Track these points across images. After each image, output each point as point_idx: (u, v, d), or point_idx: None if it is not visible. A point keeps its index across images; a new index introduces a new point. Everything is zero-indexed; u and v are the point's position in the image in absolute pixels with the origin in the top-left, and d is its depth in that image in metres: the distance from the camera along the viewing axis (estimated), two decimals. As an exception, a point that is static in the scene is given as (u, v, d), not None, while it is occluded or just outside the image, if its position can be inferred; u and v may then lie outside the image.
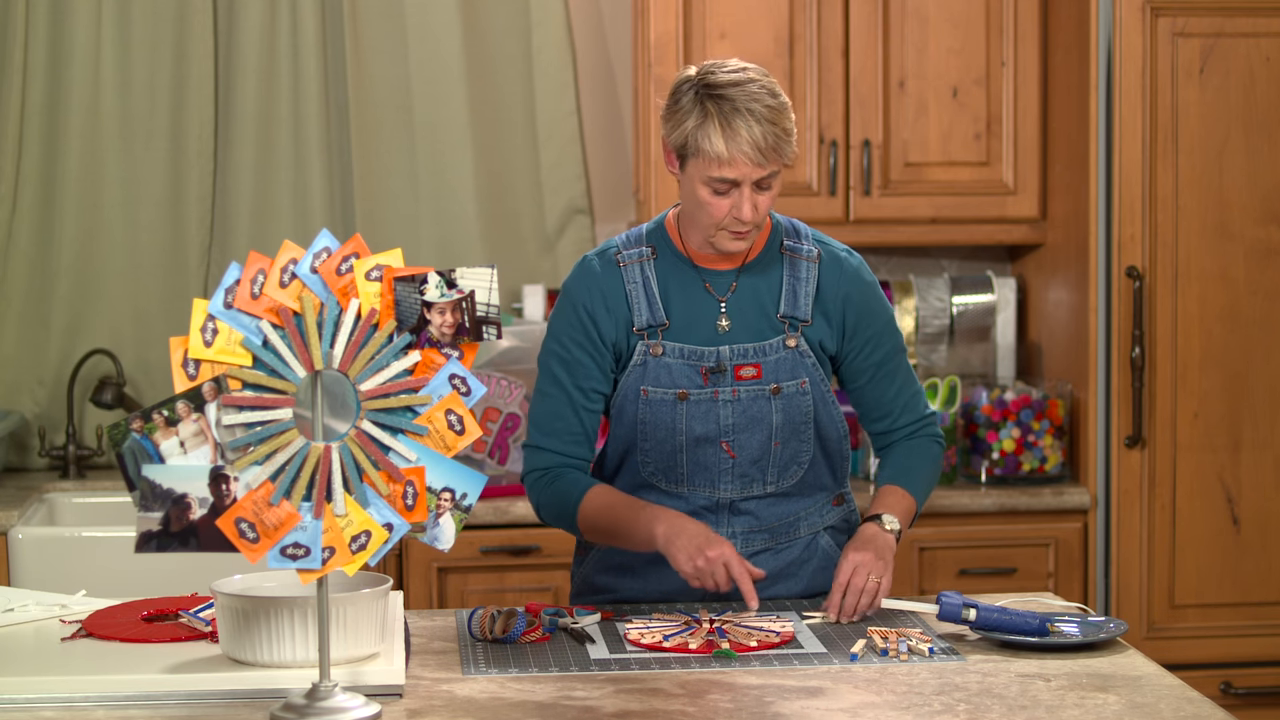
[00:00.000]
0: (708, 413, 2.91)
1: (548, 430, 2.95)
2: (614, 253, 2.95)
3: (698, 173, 2.80)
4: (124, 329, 4.56)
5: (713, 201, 2.81)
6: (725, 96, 2.76)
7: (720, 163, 2.76)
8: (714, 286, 2.93)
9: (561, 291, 2.97)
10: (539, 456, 2.95)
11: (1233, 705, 4.17)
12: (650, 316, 2.91)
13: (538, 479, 2.95)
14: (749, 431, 2.91)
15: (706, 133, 2.76)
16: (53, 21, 4.48)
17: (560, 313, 2.96)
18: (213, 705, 2.37)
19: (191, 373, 2.26)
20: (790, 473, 2.96)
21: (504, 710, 2.35)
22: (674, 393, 2.90)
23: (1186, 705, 2.37)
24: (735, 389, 2.90)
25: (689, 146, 2.79)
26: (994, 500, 4.26)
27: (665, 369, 2.91)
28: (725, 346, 2.91)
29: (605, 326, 2.92)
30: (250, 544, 2.24)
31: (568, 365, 2.93)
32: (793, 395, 2.92)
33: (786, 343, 2.92)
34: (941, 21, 4.41)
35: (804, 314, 2.93)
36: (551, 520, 2.97)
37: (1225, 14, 4.17)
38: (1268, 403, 4.23)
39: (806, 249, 2.96)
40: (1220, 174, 4.20)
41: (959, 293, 4.64)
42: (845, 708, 2.36)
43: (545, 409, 2.95)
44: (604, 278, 2.93)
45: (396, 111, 4.60)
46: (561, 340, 2.94)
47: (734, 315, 2.92)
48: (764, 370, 2.91)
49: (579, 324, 2.93)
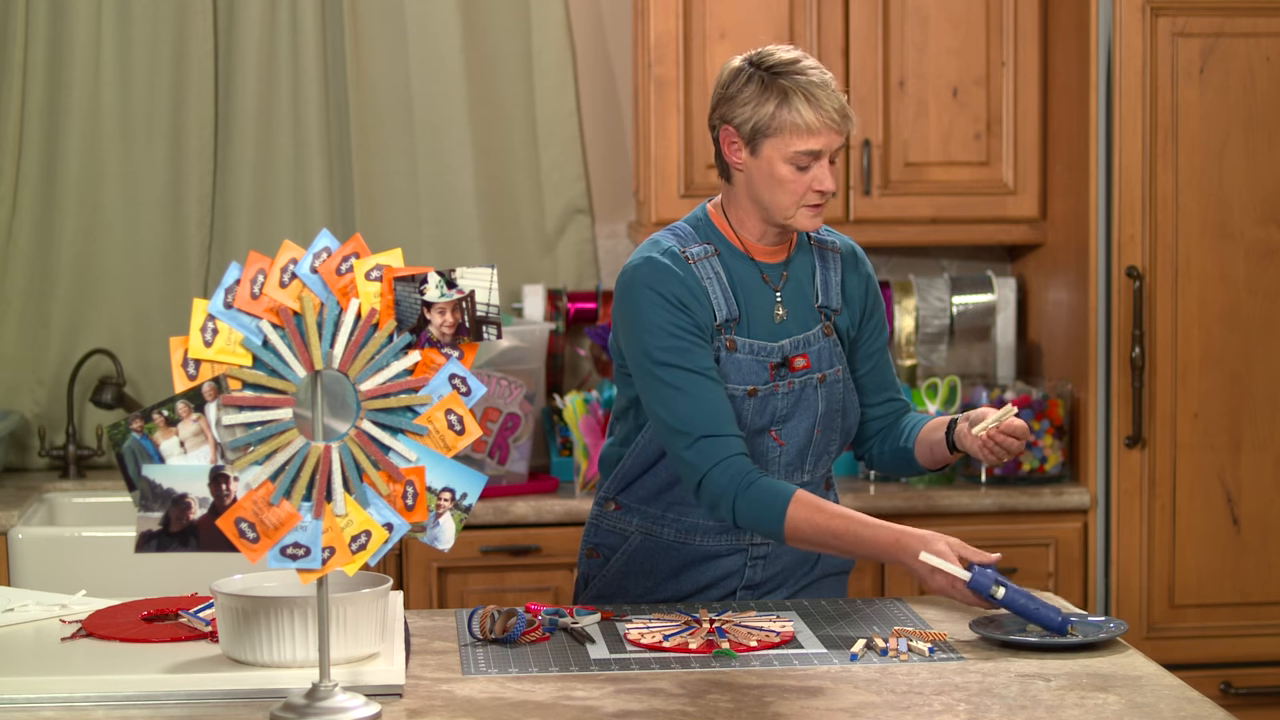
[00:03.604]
0: (766, 404, 2.94)
1: (709, 416, 2.84)
2: (680, 250, 2.92)
3: (778, 152, 2.86)
4: (124, 329, 4.55)
5: (794, 178, 2.87)
6: (799, 71, 2.86)
7: (809, 134, 2.84)
8: (770, 278, 2.97)
9: (638, 292, 2.88)
10: (718, 445, 2.83)
11: (1233, 705, 4.17)
12: (728, 311, 2.93)
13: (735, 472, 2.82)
14: (796, 419, 2.96)
15: (794, 106, 2.84)
16: (53, 21, 4.48)
17: (648, 312, 2.86)
18: (213, 705, 2.37)
19: (191, 373, 2.26)
20: (823, 461, 3.02)
21: (504, 710, 2.35)
22: (744, 389, 2.92)
23: (1186, 705, 2.37)
24: (791, 380, 2.95)
25: (770, 127, 2.85)
26: (994, 500, 4.26)
27: (736, 365, 2.92)
28: (785, 340, 2.95)
29: (700, 315, 2.89)
30: (250, 544, 2.24)
31: (685, 354, 2.86)
32: (833, 383, 2.99)
33: (825, 332, 2.99)
34: (941, 21, 4.41)
35: (835, 303, 3.01)
36: (754, 519, 2.85)
37: (1225, 14, 4.17)
38: (1268, 403, 4.23)
39: (831, 240, 3.05)
40: (1220, 174, 4.20)
41: (959, 293, 4.64)
42: (845, 708, 2.36)
43: (689, 404, 2.84)
44: (681, 274, 2.89)
45: (396, 111, 4.60)
46: (668, 332, 2.86)
47: (788, 305, 2.97)
48: (811, 359, 2.97)
49: (676, 315, 2.86)
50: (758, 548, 3.00)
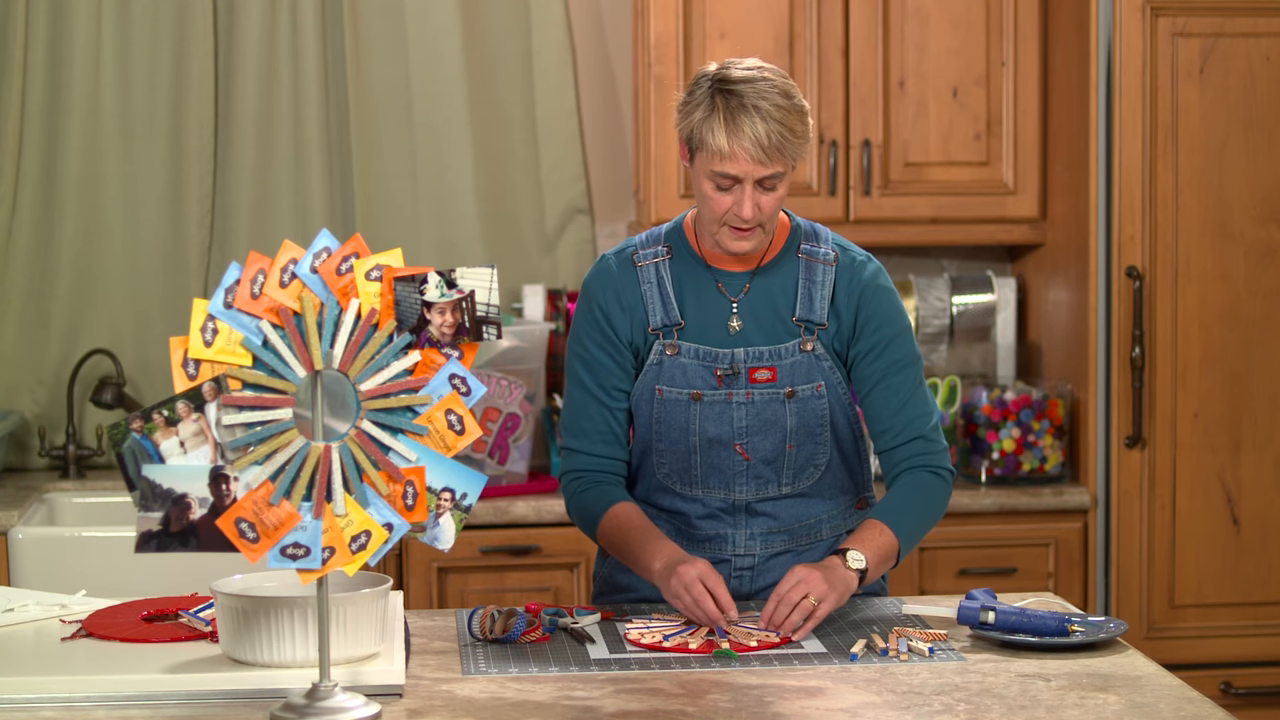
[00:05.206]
0: (721, 414, 2.90)
1: (577, 432, 2.97)
2: (631, 252, 2.96)
3: (703, 166, 2.81)
4: (124, 329, 4.55)
5: (715, 197, 2.81)
6: (735, 92, 2.77)
7: (722, 157, 2.77)
8: (727, 287, 2.92)
9: (580, 291, 2.99)
10: (572, 459, 2.98)
11: (1233, 705, 4.17)
12: (665, 316, 2.91)
13: (570, 482, 2.99)
14: (763, 434, 2.91)
15: (711, 126, 2.77)
16: (53, 21, 4.48)
17: (579, 314, 2.98)
18: (213, 705, 2.37)
19: (191, 373, 2.26)
20: (807, 474, 2.95)
21: (504, 710, 2.35)
22: (688, 393, 2.90)
23: (1186, 705, 2.37)
24: (749, 391, 2.90)
25: (695, 139, 2.80)
26: (994, 500, 4.26)
27: (680, 369, 2.91)
28: (740, 349, 2.90)
29: (621, 325, 2.92)
30: (250, 544, 2.24)
31: (589, 366, 2.95)
32: (808, 399, 2.91)
33: (803, 346, 2.90)
34: (941, 21, 4.41)
35: (819, 317, 2.90)
36: (580, 526, 3.01)
37: (1225, 14, 4.17)
38: (1268, 403, 4.23)
39: (824, 252, 2.93)
40: (1220, 174, 4.20)
41: (959, 293, 4.64)
42: (845, 708, 2.36)
43: (573, 410, 2.98)
44: (620, 277, 2.94)
45: (396, 111, 4.60)
46: (582, 341, 2.96)
47: (746, 317, 2.91)
48: (779, 373, 2.90)
49: (595, 324, 2.94)
50: (741, 558, 2.97)
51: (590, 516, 2.95)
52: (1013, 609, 2.68)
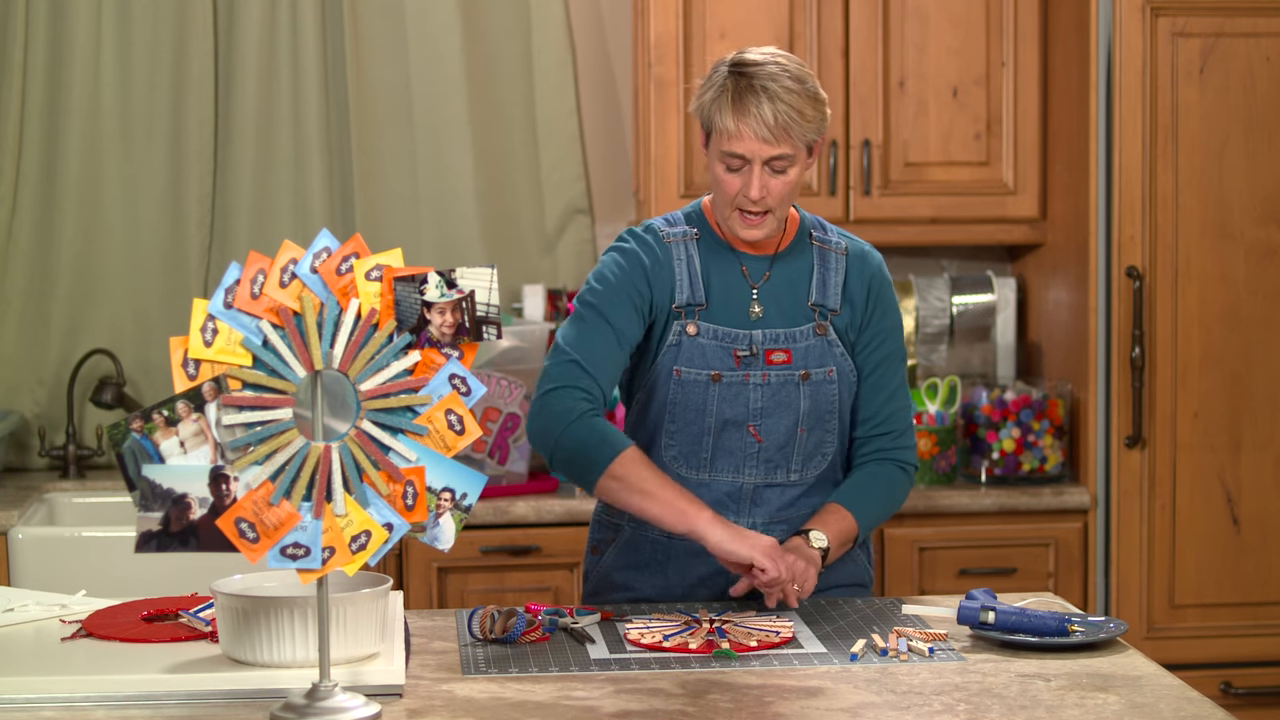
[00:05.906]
0: (738, 395, 2.93)
1: (587, 353, 2.86)
2: (661, 229, 2.97)
3: (715, 148, 2.87)
4: (124, 329, 4.55)
5: (726, 178, 2.87)
6: (746, 74, 2.83)
7: (729, 137, 2.83)
8: (750, 272, 2.96)
9: (612, 250, 2.95)
10: (581, 378, 2.84)
11: (1233, 705, 4.17)
12: (691, 295, 2.93)
13: (579, 400, 2.83)
14: (776, 416, 2.94)
15: (720, 106, 2.83)
16: (53, 21, 4.48)
17: (609, 264, 2.92)
18: (213, 705, 2.37)
19: (191, 373, 2.26)
20: (814, 463, 2.98)
21: (504, 710, 2.35)
22: (707, 374, 2.92)
23: (1186, 705, 2.37)
24: (766, 373, 2.93)
25: (707, 120, 2.87)
26: (994, 500, 4.26)
27: (699, 350, 2.92)
28: (758, 331, 2.93)
29: (656, 289, 2.92)
30: (250, 544, 2.24)
31: (611, 305, 2.89)
32: (820, 383, 2.95)
33: (816, 330, 2.95)
34: (941, 21, 4.41)
35: (834, 303, 2.97)
36: (563, 460, 2.84)
37: (1225, 14, 4.17)
38: (1268, 403, 4.23)
39: (835, 241, 3.01)
40: (1220, 174, 4.19)
41: (959, 293, 4.64)
42: (845, 708, 2.36)
43: (586, 333, 2.87)
44: (656, 249, 2.94)
45: (396, 111, 4.60)
46: (610, 283, 2.90)
47: (767, 303, 2.95)
48: (794, 356, 2.94)
49: (630, 275, 2.90)
50: None
51: (605, 443, 2.81)
52: (1013, 609, 2.68)
